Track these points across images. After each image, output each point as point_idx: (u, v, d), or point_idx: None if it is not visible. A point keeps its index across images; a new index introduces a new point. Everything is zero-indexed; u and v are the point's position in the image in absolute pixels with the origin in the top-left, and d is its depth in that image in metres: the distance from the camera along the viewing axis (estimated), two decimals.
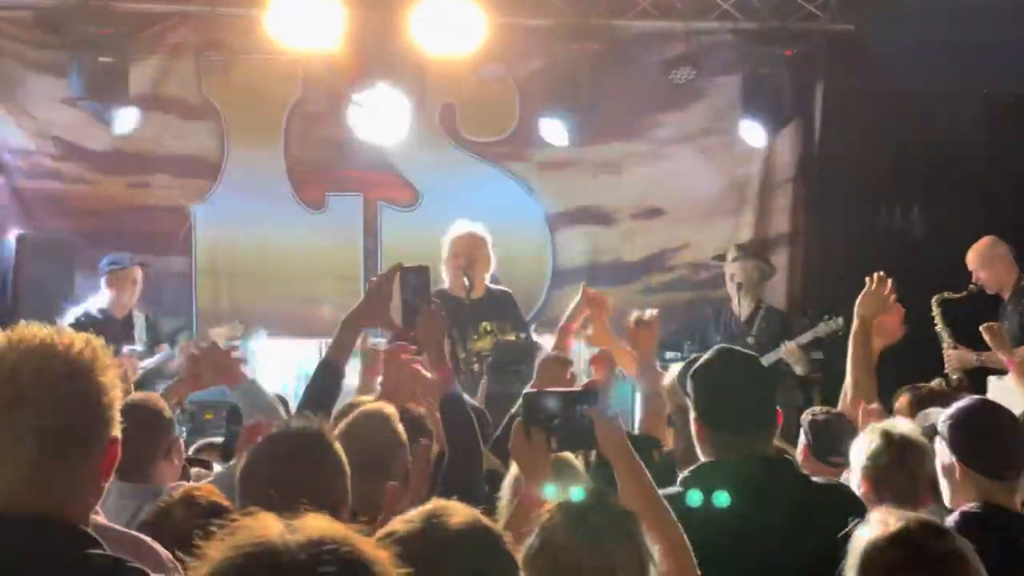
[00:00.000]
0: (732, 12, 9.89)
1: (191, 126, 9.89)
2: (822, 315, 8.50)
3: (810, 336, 8.48)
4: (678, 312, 9.79)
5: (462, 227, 7.51)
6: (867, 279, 5.40)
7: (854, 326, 5.32)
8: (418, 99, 9.45)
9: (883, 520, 2.83)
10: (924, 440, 4.08)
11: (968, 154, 9.63)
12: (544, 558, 2.70)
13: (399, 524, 2.48)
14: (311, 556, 1.52)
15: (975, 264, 8.23)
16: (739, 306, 8.97)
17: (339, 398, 4.50)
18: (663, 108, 10.29)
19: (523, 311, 8.04)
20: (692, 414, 3.71)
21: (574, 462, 3.91)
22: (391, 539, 2.29)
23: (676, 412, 4.77)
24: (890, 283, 5.37)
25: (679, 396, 4.65)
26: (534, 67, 9.98)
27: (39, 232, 9.46)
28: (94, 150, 9.70)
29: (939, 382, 7.50)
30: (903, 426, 4.20)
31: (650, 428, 4.98)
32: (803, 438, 4.93)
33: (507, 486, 3.76)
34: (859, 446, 4.14)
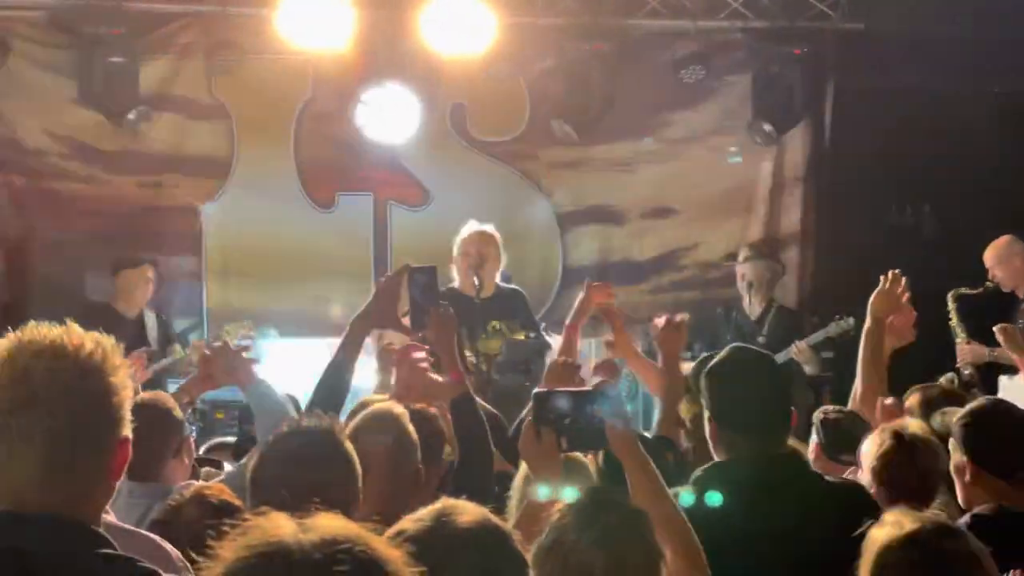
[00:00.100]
0: (742, 11, 9.88)
1: (201, 126, 9.89)
2: (833, 314, 8.47)
3: (821, 336, 8.45)
4: (688, 311, 9.72)
5: (472, 226, 7.51)
6: (881, 277, 5.38)
7: (867, 324, 5.29)
8: (428, 99, 9.46)
9: (898, 521, 2.83)
10: (935, 440, 4.07)
11: (979, 152, 9.60)
12: (555, 557, 2.70)
13: (408, 523, 2.48)
14: (325, 556, 1.52)
15: (992, 261, 8.21)
16: (750, 305, 8.95)
17: (352, 398, 4.50)
18: (673, 107, 10.28)
19: (533, 310, 8.03)
20: (706, 413, 3.69)
21: (584, 462, 3.90)
22: (401, 538, 2.29)
23: (689, 412, 4.76)
24: (904, 281, 5.35)
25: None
26: (544, 67, 9.97)
27: (49, 232, 9.47)
28: (105, 150, 9.70)
29: (950, 376, 7.50)
30: (914, 426, 4.19)
31: (668, 431, 4.96)
32: (815, 437, 4.92)
33: (517, 486, 3.75)
34: (869, 446, 4.13)
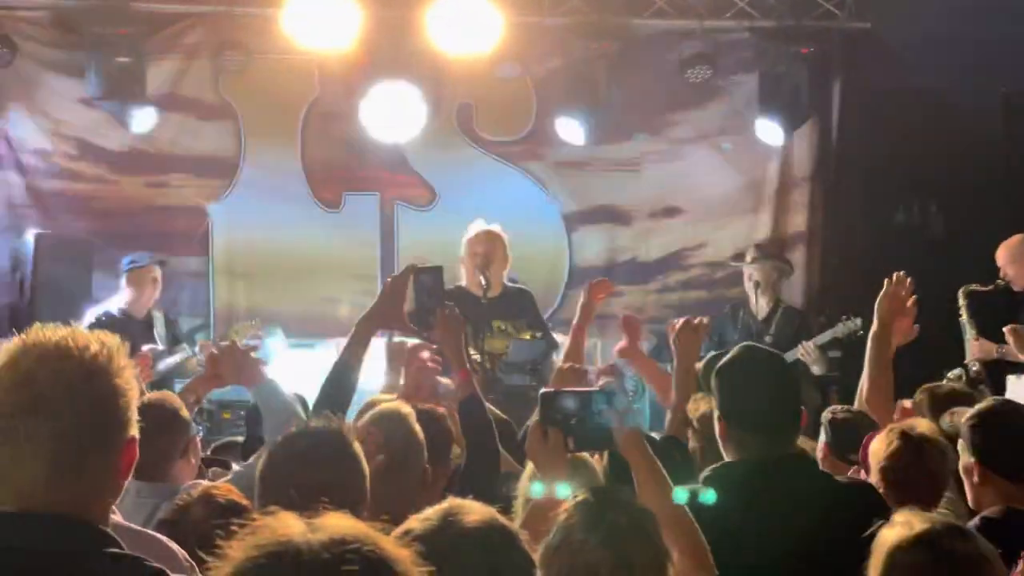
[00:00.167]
0: (749, 10, 9.87)
1: (208, 126, 9.90)
2: (840, 314, 8.46)
3: (828, 336, 8.44)
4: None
5: (479, 226, 7.51)
6: (886, 280, 5.36)
7: (874, 327, 5.28)
8: (435, 98, 9.45)
9: (908, 522, 2.82)
10: (943, 440, 4.06)
11: (986, 152, 9.59)
12: (562, 557, 2.69)
13: (415, 522, 2.47)
14: (334, 555, 1.52)
15: (1004, 260, 8.19)
16: (757, 305, 8.94)
17: (357, 398, 4.50)
18: (680, 107, 10.28)
19: (540, 310, 8.02)
20: (715, 412, 3.68)
21: (591, 462, 3.90)
22: (407, 537, 2.29)
23: (696, 415, 4.75)
24: (908, 283, 5.34)
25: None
26: (551, 66, 9.97)
27: (57, 232, 9.48)
28: (111, 150, 9.72)
29: (958, 372, 7.49)
30: (922, 426, 4.18)
31: (678, 432, 4.95)
32: (823, 436, 4.91)
33: (523, 486, 3.75)
34: (877, 446, 4.12)
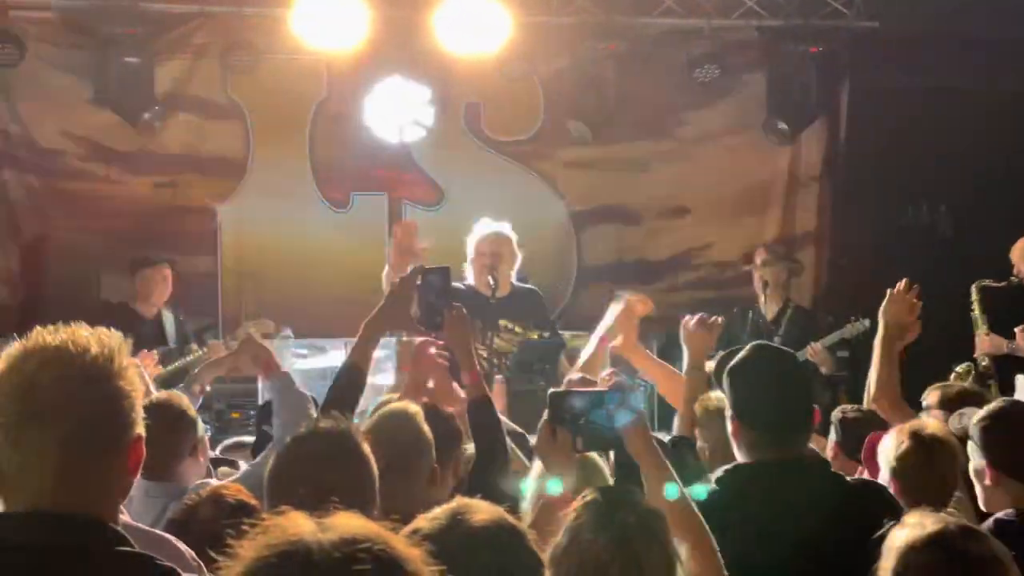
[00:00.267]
0: (757, 9, 9.86)
1: (216, 126, 9.91)
2: (848, 313, 8.46)
3: (836, 337, 8.45)
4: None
5: (487, 226, 7.49)
6: (889, 291, 5.33)
7: (880, 332, 5.26)
8: (443, 98, 9.46)
9: (920, 523, 2.81)
10: (954, 440, 4.04)
11: (994, 151, 9.58)
12: (571, 557, 2.69)
13: (424, 522, 2.48)
14: (345, 555, 1.52)
15: (1018, 257, 8.19)
16: (766, 305, 8.94)
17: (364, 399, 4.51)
18: (688, 106, 10.28)
19: (548, 310, 8.01)
20: (728, 412, 3.66)
21: (599, 462, 3.89)
22: (416, 536, 2.29)
23: (704, 413, 4.75)
24: (915, 289, 5.31)
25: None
26: (559, 66, 9.96)
27: (66, 232, 9.49)
28: (120, 151, 9.72)
29: (967, 366, 7.49)
30: (932, 425, 4.17)
31: (688, 431, 4.95)
32: (833, 435, 4.91)
33: (531, 485, 3.74)
34: (888, 446, 4.11)
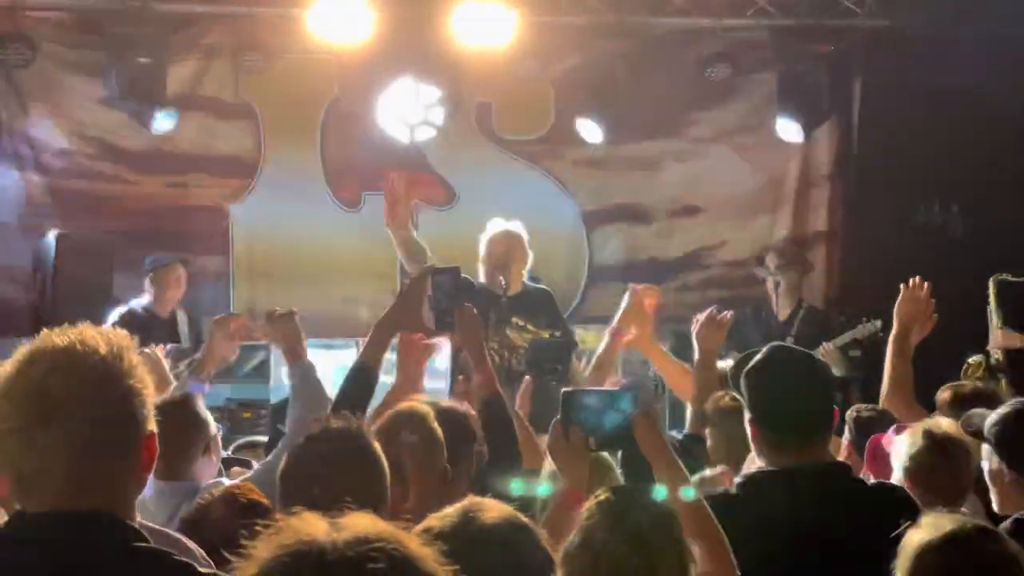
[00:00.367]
0: (768, 9, 9.84)
1: (228, 126, 9.92)
2: (860, 313, 8.45)
3: (848, 338, 8.44)
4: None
5: (498, 225, 7.50)
6: (901, 286, 5.32)
7: (893, 330, 5.25)
8: (454, 98, 9.45)
9: (936, 523, 2.80)
10: (967, 439, 4.03)
11: (1007, 150, 9.55)
12: (584, 556, 2.69)
13: (435, 520, 2.48)
14: (359, 554, 1.52)
15: None
16: (778, 306, 8.93)
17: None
18: (699, 106, 10.27)
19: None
20: (747, 415, 3.59)
21: (611, 462, 3.90)
22: (428, 535, 2.29)
23: (716, 412, 4.75)
24: (927, 287, 5.30)
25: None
26: (570, 65, 9.96)
27: (78, 232, 9.50)
28: (132, 150, 9.73)
29: (980, 358, 7.47)
30: (946, 425, 4.15)
31: (699, 429, 4.94)
32: (847, 435, 4.89)
33: (543, 484, 3.74)
34: (901, 445, 4.10)
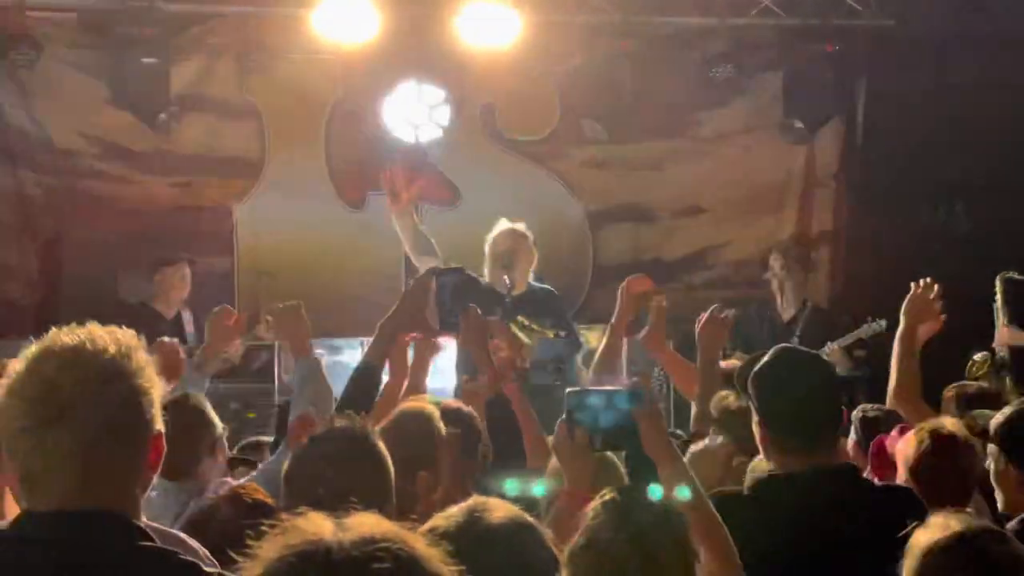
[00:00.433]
0: (773, 8, 9.83)
1: (232, 126, 9.92)
2: (865, 313, 8.44)
3: (852, 338, 8.44)
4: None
5: (503, 225, 7.50)
6: (912, 284, 5.31)
7: (900, 329, 5.24)
8: (458, 98, 9.46)
9: (944, 523, 2.79)
10: (973, 439, 4.03)
11: (1012, 150, 9.54)
12: (589, 556, 2.69)
13: (440, 520, 2.48)
14: (364, 554, 1.52)
15: None
16: (783, 306, 8.93)
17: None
18: (704, 105, 10.26)
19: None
20: (755, 417, 3.58)
21: (616, 461, 3.89)
22: (433, 534, 2.29)
23: (721, 413, 4.74)
24: (936, 288, 5.29)
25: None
26: (574, 65, 9.95)
27: (82, 232, 9.51)
28: (136, 150, 9.73)
29: (985, 355, 7.47)
30: (950, 424, 4.15)
31: (703, 428, 4.94)
32: (853, 434, 4.89)
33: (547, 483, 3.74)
34: (906, 445, 4.10)
